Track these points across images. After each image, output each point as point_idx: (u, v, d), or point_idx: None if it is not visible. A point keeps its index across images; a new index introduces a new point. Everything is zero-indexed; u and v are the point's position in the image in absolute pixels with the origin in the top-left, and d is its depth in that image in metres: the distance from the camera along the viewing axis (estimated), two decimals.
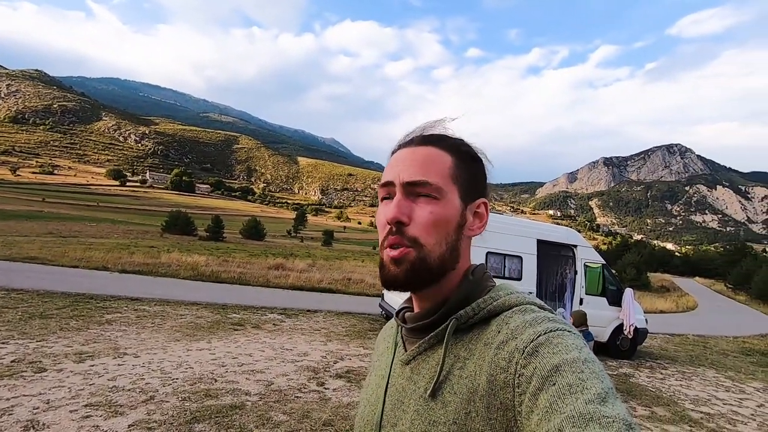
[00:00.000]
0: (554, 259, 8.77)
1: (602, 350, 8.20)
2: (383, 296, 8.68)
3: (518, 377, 0.49)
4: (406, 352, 0.66)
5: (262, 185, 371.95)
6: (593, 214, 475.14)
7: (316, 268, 18.17)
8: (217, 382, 4.51)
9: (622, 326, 8.26)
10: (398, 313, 0.71)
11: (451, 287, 0.63)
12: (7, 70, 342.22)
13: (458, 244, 0.62)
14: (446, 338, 0.59)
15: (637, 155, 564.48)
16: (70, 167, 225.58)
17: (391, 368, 0.67)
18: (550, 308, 0.59)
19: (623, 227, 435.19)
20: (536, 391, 0.47)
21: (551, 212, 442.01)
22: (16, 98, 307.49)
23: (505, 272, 7.43)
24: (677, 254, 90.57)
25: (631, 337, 8.21)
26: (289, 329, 7.62)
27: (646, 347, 9.65)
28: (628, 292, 8.47)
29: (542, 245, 7.94)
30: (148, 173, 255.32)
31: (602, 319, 8.12)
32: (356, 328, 8.41)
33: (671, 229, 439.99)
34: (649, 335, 9.42)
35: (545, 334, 0.51)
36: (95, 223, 39.58)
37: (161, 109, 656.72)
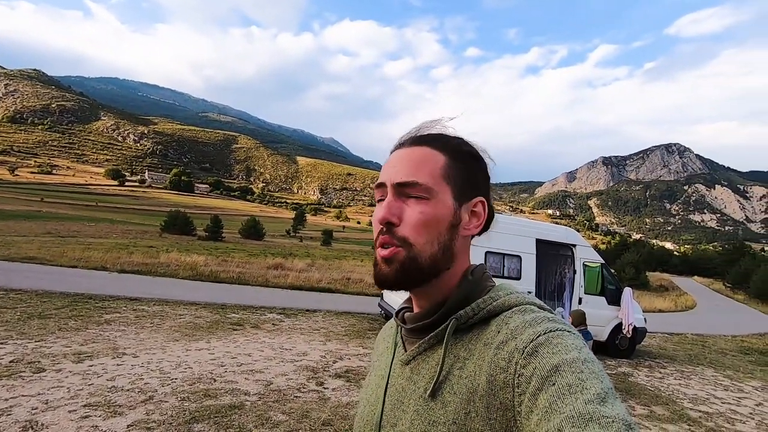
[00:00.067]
0: (553, 258, 8.79)
1: (601, 349, 8.22)
2: (382, 296, 8.68)
3: (518, 377, 0.49)
4: (405, 352, 0.66)
5: (261, 185, 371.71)
6: (592, 213, 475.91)
7: (315, 267, 18.17)
8: (216, 382, 4.50)
9: (620, 325, 8.28)
10: (398, 313, 0.71)
11: (449, 287, 0.63)
12: (5, 69, 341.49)
13: (452, 243, 0.61)
14: (446, 338, 0.59)
15: (635, 155, 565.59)
16: (68, 167, 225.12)
17: (390, 368, 0.67)
18: (549, 308, 0.59)
19: (622, 226, 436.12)
20: (536, 391, 0.47)
21: (550, 212, 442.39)
22: (14, 98, 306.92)
23: (504, 272, 7.44)
24: (676, 253, 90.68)
25: (629, 336, 8.24)
26: (288, 329, 7.62)
27: (644, 346, 9.67)
28: (626, 291, 8.49)
29: (541, 245, 7.95)
30: (146, 173, 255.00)
31: (601, 318, 8.13)
32: (355, 327, 8.41)
33: (670, 228, 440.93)
34: (647, 334, 9.45)
35: (545, 334, 0.51)
36: (94, 223, 39.50)
37: (160, 108, 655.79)
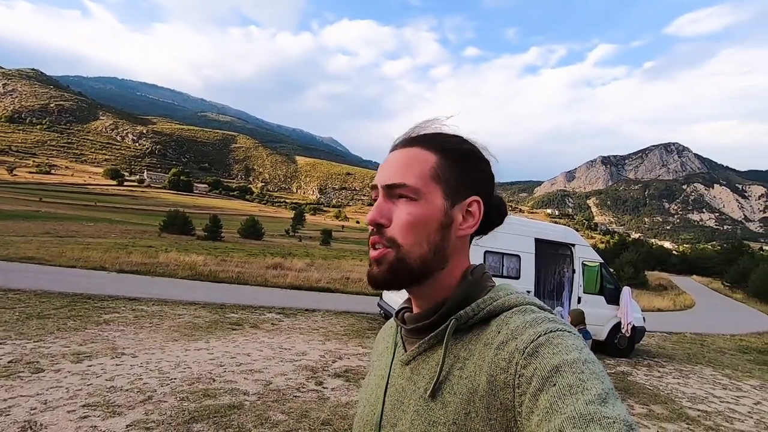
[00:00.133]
0: (552, 257, 8.79)
1: (600, 348, 8.23)
2: (381, 295, 8.69)
3: (518, 378, 0.49)
4: (405, 352, 0.65)
5: (260, 184, 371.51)
6: (591, 212, 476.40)
7: (314, 267, 18.17)
8: (215, 381, 4.50)
9: (619, 324, 8.30)
10: (398, 313, 0.71)
11: (446, 288, 0.62)
12: (3, 69, 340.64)
13: (444, 244, 0.61)
14: (446, 338, 0.58)
15: (634, 154, 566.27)
16: (67, 167, 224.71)
17: (390, 368, 0.67)
18: (549, 309, 0.59)
19: (621, 226, 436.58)
20: (536, 391, 0.47)
21: (549, 211, 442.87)
22: (12, 98, 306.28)
23: (503, 271, 7.45)
24: (675, 253, 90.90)
25: (628, 335, 8.25)
26: (287, 329, 7.61)
27: (643, 345, 9.68)
28: (625, 290, 8.51)
29: (540, 244, 7.96)
30: (145, 173, 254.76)
31: (600, 317, 8.14)
32: (355, 327, 8.41)
33: (669, 227, 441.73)
34: (646, 333, 9.46)
35: (545, 334, 0.51)
36: (93, 222, 39.43)
37: (159, 108, 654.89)
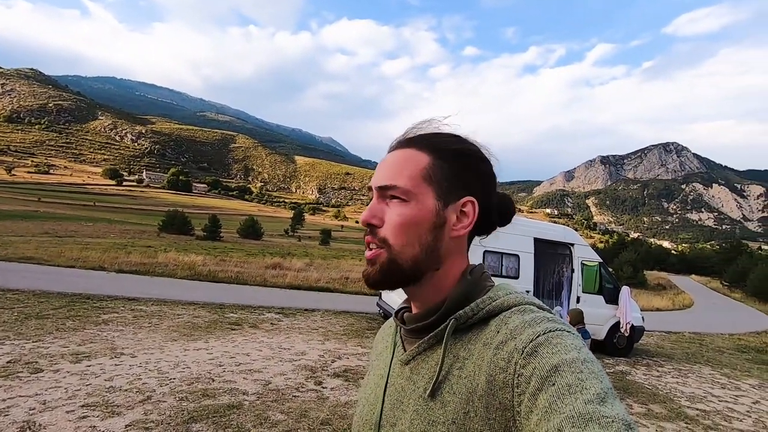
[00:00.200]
0: (551, 257, 8.80)
1: (599, 348, 8.24)
2: (381, 295, 8.69)
3: (517, 377, 0.49)
4: (405, 352, 0.65)
5: (259, 184, 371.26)
6: (590, 212, 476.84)
7: (313, 267, 18.16)
8: (214, 381, 4.50)
9: (618, 324, 8.31)
10: (397, 313, 0.71)
11: (443, 288, 0.62)
12: (1, 69, 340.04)
13: (437, 245, 0.61)
14: (445, 338, 0.58)
15: (633, 154, 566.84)
16: (66, 167, 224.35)
17: (390, 368, 0.67)
18: (548, 308, 0.59)
19: (620, 225, 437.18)
20: (535, 391, 0.47)
21: (548, 211, 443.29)
22: (11, 97, 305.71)
23: (502, 271, 7.45)
24: (673, 252, 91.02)
25: (627, 334, 8.27)
26: (286, 328, 7.61)
27: (642, 345, 9.70)
28: (624, 290, 8.52)
29: (539, 244, 7.96)
30: (144, 173, 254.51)
31: (599, 317, 8.15)
32: (354, 327, 8.41)
33: (667, 227, 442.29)
34: (645, 333, 9.47)
35: (544, 334, 0.51)
36: (92, 222, 39.37)
37: (158, 108, 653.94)
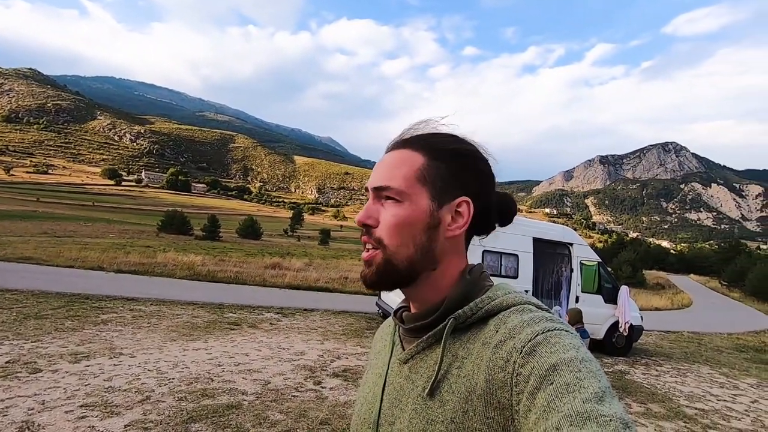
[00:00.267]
0: (550, 257, 8.81)
1: (598, 347, 8.25)
2: (380, 295, 8.68)
3: (516, 376, 0.49)
4: (403, 351, 0.65)
5: (258, 184, 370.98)
6: (589, 212, 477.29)
7: (312, 267, 18.16)
8: (213, 381, 4.50)
9: (617, 324, 8.31)
10: (396, 312, 0.71)
11: (440, 288, 0.62)
12: (0, 68, 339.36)
13: (432, 245, 0.61)
14: (444, 337, 0.58)
15: (632, 153, 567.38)
16: (64, 167, 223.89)
17: (388, 367, 0.67)
18: (547, 308, 0.59)
19: (619, 225, 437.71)
20: (534, 390, 0.47)
21: (547, 210, 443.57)
22: (9, 97, 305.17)
23: (501, 270, 7.46)
24: (672, 252, 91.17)
25: (626, 334, 8.27)
26: (285, 328, 7.61)
27: (641, 344, 9.71)
28: (623, 289, 8.52)
29: (538, 243, 7.97)
30: (143, 172, 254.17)
31: (598, 316, 8.16)
32: (353, 327, 8.41)
33: (666, 226, 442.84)
34: (644, 332, 9.48)
35: (543, 333, 0.51)
36: (90, 222, 39.32)
37: (157, 108, 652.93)
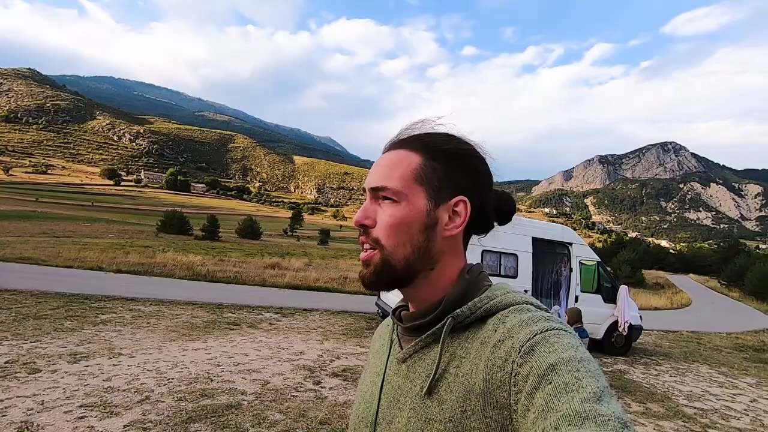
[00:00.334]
0: (550, 256, 8.80)
1: (597, 347, 8.26)
2: (380, 295, 8.68)
3: (514, 376, 0.49)
4: (402, 350, 0.65)
5: (257, 184, 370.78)
6: (588, 211, 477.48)
7: (312, 267, 18.16)
8: (213, 381, 4.49)
9: (616, 323, 8.32)
10: (394, 311, 0.71)
11: (438, 288, 0.62)
12: None
13: (429, 245, 0.61)
14: (442, 336, 0.58)
15: (631, 153, 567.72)
16: (63, 167, 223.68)
17: (386, 366, 0.67)
18: (546, 308, 0.59)
19: (618, 225, 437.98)
20: (532, 389, 0.47)
21: (547, 210, 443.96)
22: (8, 97, 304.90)
23: (500, 270, 7.47)
24: (672, 251, 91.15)
25: (625, 333, 8.28)
26: (285, 328, 7.61)
27: (640, 344, 9.72)
28: (623, 289, 8.53)
29: (538, 243, 7.97)
30: (142, 172, 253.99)
31: (597, 316, 8.17)
32: (353, 326, 8.41)
33: (666, 226, 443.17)
34: (643, 332, 9.49)
35: (541, 333, 0.51)
36: (90, 223, 39.29)
37: (156, 107, 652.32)
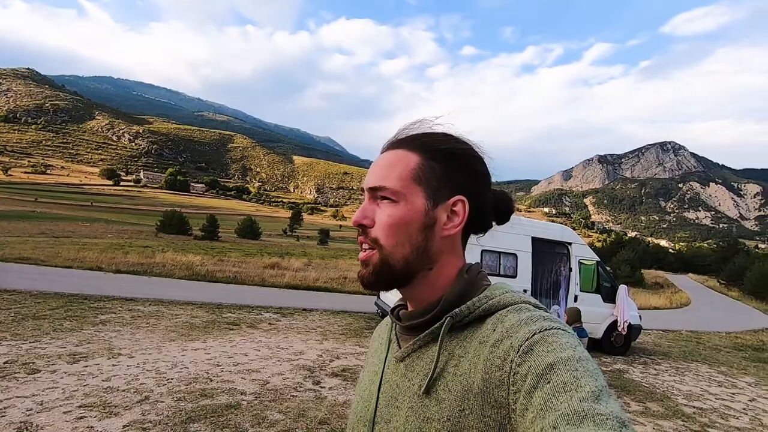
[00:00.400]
0: (549, 256, 8.81)
1: (596, 347, 8.26)
2: (379, 295, 8.69)
3: (513, 375, 0.49)
4: (400, 349, 0.65)
5: (257, 184, 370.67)
6: (588, 211, 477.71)
7: (311, 266, 18.16)
8: (212, 381, 4.49)
9: (616, 323, 8.32)
10: (393, 310, 0.71)
11: (437, 288, 0.62)
12: None
13: (428, 245, 0.61)
14: (441, 336, 0.58)
15: (631, 153, 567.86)
16: (62, 167, 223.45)
17: (384, 365, 0.67)
18: (544, 307, 0.59)
19: (617, 224, 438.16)
20: (531, 389, 0.47)
21: (546, 210, 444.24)
22: (7, 97, 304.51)
23: (500, 270, 7.47)
24: (671, 251, 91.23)
25: (625, 333, 8.28)
26: (284, 328, 7.61)
27: (639, 343, 9.73)
28: (622, 288, 8.53)
29: (537, 243, 7.98)
30: (142, 172, 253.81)
31: (597, 315, 8.17)
32: (352, 326, 8.41)
33: (665, 226, 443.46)
34: (642, 331, 9.50)
35: (540, 332, 0.51)
36: (89, 223, 39.26)
37: (155, 107, 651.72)
